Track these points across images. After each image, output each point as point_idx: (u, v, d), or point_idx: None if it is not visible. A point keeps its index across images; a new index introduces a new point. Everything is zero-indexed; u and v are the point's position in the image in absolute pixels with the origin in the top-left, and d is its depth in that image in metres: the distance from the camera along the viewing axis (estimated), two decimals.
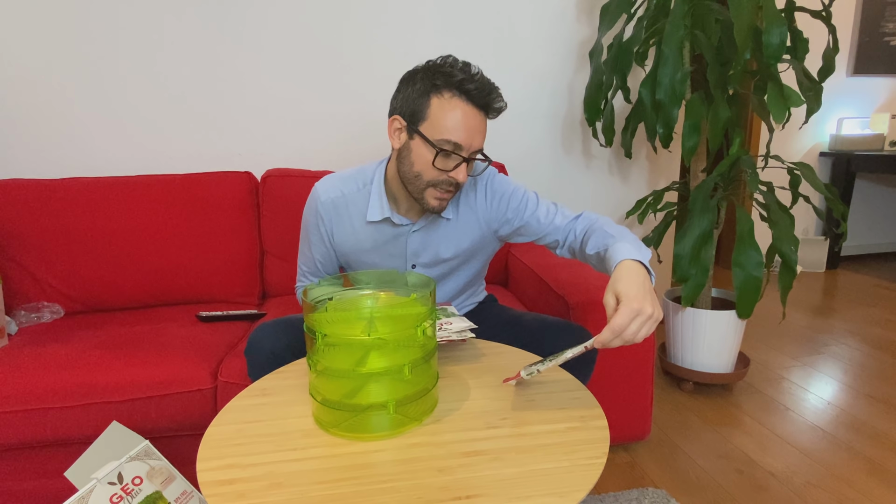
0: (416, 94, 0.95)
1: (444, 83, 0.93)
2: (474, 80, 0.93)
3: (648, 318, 0.75)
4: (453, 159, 0.95)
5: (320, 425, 0.76)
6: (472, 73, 0.94)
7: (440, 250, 1.11)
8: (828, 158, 3.41)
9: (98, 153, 1.81)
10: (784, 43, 1.47)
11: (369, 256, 1.13)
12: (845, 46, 3.28)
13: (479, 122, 0.95)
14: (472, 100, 0.93)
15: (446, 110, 0.93)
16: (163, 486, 0.99)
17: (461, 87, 0.93)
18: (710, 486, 1.39)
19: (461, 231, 1.11)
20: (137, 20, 1.74)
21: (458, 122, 0.93)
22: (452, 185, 0.98)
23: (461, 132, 0.93)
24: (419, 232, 1.09)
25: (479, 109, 0.95)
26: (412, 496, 0.61)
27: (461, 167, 0.96)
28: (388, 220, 1.08)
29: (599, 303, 1.35)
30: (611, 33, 2.04)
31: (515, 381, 0.86)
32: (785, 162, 1.74)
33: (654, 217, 2.24)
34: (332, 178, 1.11)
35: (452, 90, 0.93)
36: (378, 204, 1.07)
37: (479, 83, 0.93)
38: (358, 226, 1.10)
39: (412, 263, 1.12)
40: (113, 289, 1.61)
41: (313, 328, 0.72)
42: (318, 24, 1.86)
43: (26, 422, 1.17)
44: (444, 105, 0.93)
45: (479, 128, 0.95)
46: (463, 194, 1.10)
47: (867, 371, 2.02)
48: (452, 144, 0.94)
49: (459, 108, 0.93)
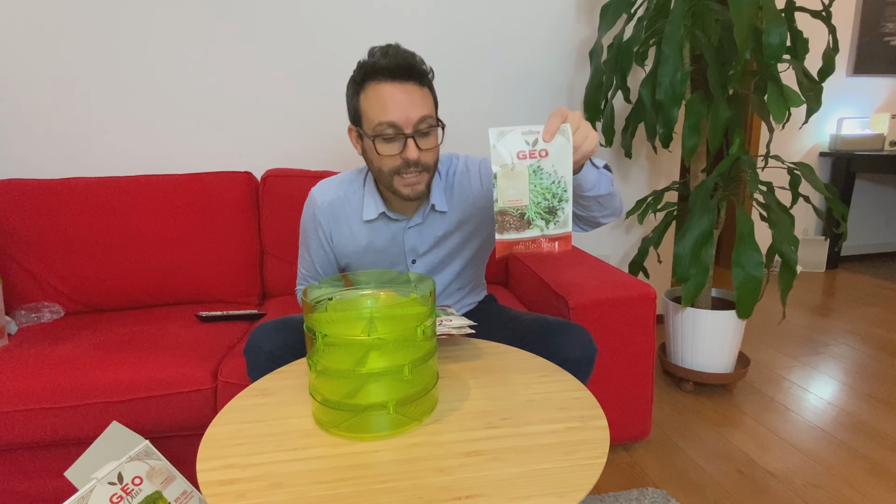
0: (350, 98, 0.99)
1: (362, 77, 0.95)
2: (387, 58, 0.92)
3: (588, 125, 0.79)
4: (397, 141, 0.95)
5: (320, 425, 0.76)
6: (384, 50, 0.93)
7: (437, 244, 1.13)
8: (828, 158, 3.41)
9: (98, 153, 1.81)
10: (784, 43, 1.47)
11: (369, 256, 1.14)
12: (845, 46, 3.28)
13: (406, 94, 0.93)
14: (391, 75, 0.93)
15: (370, 99, 0.94)
16: (163, 486, 0.99)
17: (375, 70, 0.93)
18: (710, 486, 1.39)
19: (455, 218, 1.12)
20: (137, 20, 1.74)
21: (383, 102, 0.93)
22: (411, 165, 0.97)
23: (390, 110, 0.93)
24: (415, 228, 1.11)
25: (400, 81, 0.93)
26: (412, 496, 0.61)
27: (409, 144, 0.95)
28: (384, 215, 1.09)
29: (600, 303, 1.35)
30: (611, 33, 2.04)
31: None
32: (785, 162, 1.74)
33: (654, 217, 2.24)
34: (326, 182, 1.13)
35: (369, 79, 0.94)
36: (372, 202, 1.09)
37: (391, 57, 0.92)
38: (356, 227, 1.11)
39: (412, 258, 1.13)
40: (113, 289, 1.61)
41: (313, 328, 0.72)
42: (318, 24, 1.86)
43: (26, 422, 1.17)
44: (368, 96, 0.95)
45: (410, 99, 0.93)
46: (457, 183, 1.11)
47: (867, 371, 2.02)
48: (386, 125, 0.93)
49: (381, 90, 0.93)
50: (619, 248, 2.33)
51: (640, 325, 1.40)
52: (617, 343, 1.40)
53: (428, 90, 0.98)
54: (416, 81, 0.95)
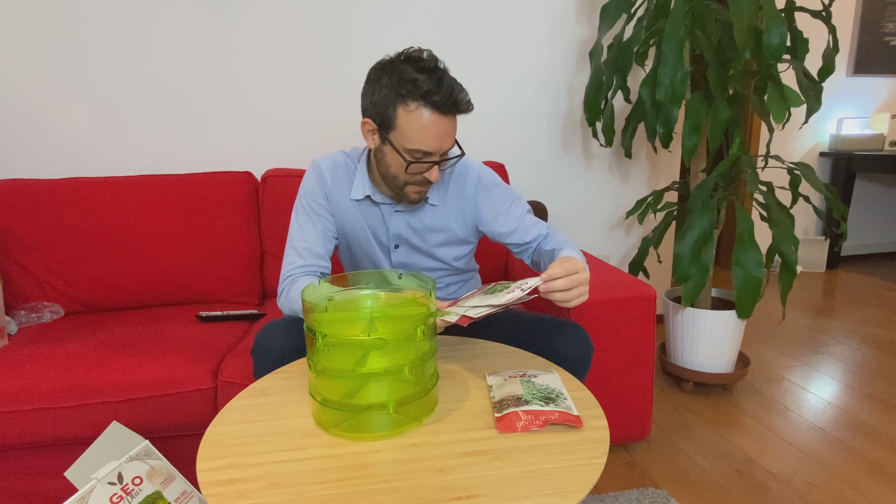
0: (382, 100, 0.96)
1: (408, 93, 0.93)
2: (440, 91, 0.92)
3: (586, 282, 0.89)
4: (426, 164, 0.99)
5: (320, 425, 0.76)
6: (438, 77, 0.93)
7: (422, 233, 1.13)
8: (828, 158, 3.41)
9: (98, 153, 1.81)
10: (784, 43, 1.47)
11: (360, 236, 1.14)
12: (845, 46, 3.28)
13: (447, 126, 0.96)
14: (439, 108, 0.94)
15: (414, 122, 0.94)
16: (163, 486, 0.99)
17: (427, 99, 0.93)
18: (710, 486, 1.39)
19: (445, 216, 1.13)
20: (137, 21, 1.74)
21: (427, 133, 0.95)
22: (429, 182, 1.02)
23: (432, 141, 0.95)
24: (402, 213, 1.12)
25: (446, 115, 0.95)
26: (412, 496, 0.61)
27: (434, 169, 1.00)
28: (369, 198, 1.11)
29: (599, 303, 1.35)
30: (611, 33, 2.04)
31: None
32: (785, 162, 1.74)
33: (654, 217, 2.24)
34: (327, 154, 1.16)
35: (418, 101, 0.93)
36: (361, 183, 1.10)
37: (445, 92, 0.93)
38: (349, 200, 1.13)
39: (395, 243, 1.14)
40: (113, 289, 1.61)
41: (313, 328, 0.72)
42: (317, 24, 1.86)
43: (26, 422, 1.17)
44: (412, 117, 0.94)
45: (449, 131, 0.97)
46: (453, 182, 1.13)
47: (867, 371, 2.02)
48: (423, 153, 0.97)
49: (427, 119, 0.94)
50: (619, 248, 2.33)
51: (640, 325, 1.40)
52: (617, 343, 1.40)
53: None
54: (457, 115, 0.98)
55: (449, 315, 0.93)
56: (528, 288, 0.87)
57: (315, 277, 1.08)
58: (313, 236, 1.11)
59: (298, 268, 1.08)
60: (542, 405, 0.77)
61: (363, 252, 1.16)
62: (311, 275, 1.08)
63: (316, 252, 1.10)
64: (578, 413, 0.77)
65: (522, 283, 0.89)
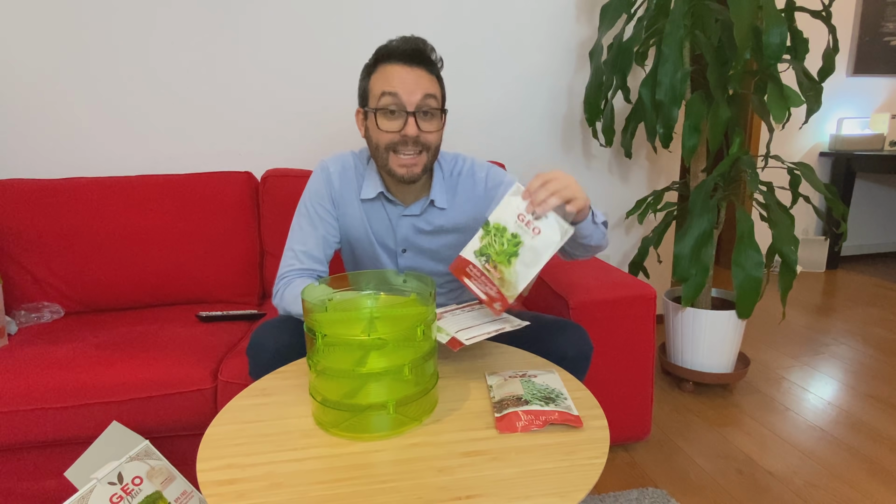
0: (361, 82, 1.03)
1: (374, 60, 0.99)
2: (402, 42, 0.97)
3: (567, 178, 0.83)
4: (397, 116, 0.97)
5: (320, 425, 0.76)
6: (405, 38, 0.98)
7: (430, 236, 1.13)
8: (828, 158, 3.41)
9: (98, 153, 1.81)
10: (784, 43, 1.47)
11: (366, 239, 1.13)
12: (845, 46, 3.29)
13: (412, 74, 0.96)
14: (400, 58, 0.96)
15: (379, 77, 0.98)
16: (163, 486, 0.99)
17: (388, 52, 0.97)
18: (710, 486, 1.39)
19: (454, 218, 1.12)
20: (137, 21, 1.74)
21: (390, 77, 0.96)
22: (410, 143, 0.98)
23: (394, 84, 0.96)
24: (410, 218, 1.11)
25: (409, 64, 0.97)
26: (412, 496, 0.61)
27: (409, 121, 0.97)
28: (382, 195, 1.10)
29: (600, 303, 1.35)
30: (611, 33, 2.04)
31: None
32: (785, 162, 1.74)
33: (654, 217, 2.24)
34: (335, 154, 1.15)
35: (382, 61, 0.98)
36: (372, 182, 1.09)
37: (404, 40, 0.97)
38: (357, 203, 1.12)
39: (402, 248, 1.13)
40: (113, 289, 1.61)
41: (313, 328, 0.72)
42: (317, 24, 1.86)
43: (26, 422, 1.17)
44: (377, 75, 0.98)
45: (415, 80, 0.96)
46: (461, 184, 1.12)
47: (867, 371, 2.02)
48: (389, 95, 0.96)
49: (390, 69, 0.97)
50: (619, 248, 2.33)
51: (640, 325, 1.40)
52: (617, 343, 1.40)
53: (436, 79, 1.01)
54: (426, 67, 0.98)
55: (440, 332, 0.91)
56: (517, 324, 0.90)
57: (311, 280, 1.08)
58: (313, 241, 1.10)
59: (295, 270, 1.08)
60: (542, 405, 0.77)
61: (368, 256, 1.15)
62: (307, 278, 1.08)
63: (314, 257, 1.10)
64: (578, 413, 0.77)
65: (511, 320, 0.91)
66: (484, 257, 0.85)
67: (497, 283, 0.84)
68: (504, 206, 0.84)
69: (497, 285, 0.85)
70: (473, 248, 0.86)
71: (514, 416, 0.74)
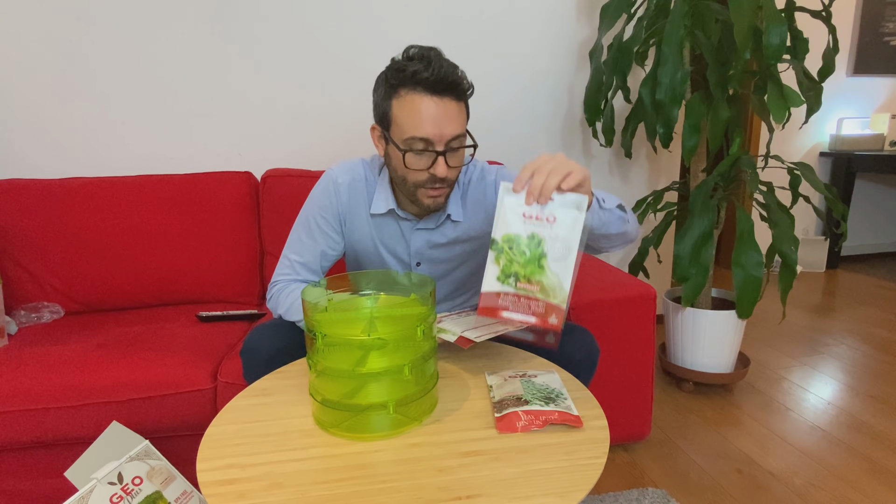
0: (380, 100, 0.94)
1: (398, 81, 0.90)
2: (430, 69, 0.87)
3: (570, 164, 0.76)
4: (426, 156, 0.92)
5: (320, 425, 0.76)
6: (427, 58, 0.88)
7: (445, 248, 1.10)
8: (828, 158, 3.41)
9: (98, 153, 1.81)
10: (784, 43, 1.47)
11: (374, 252, 1.10)
12: (845, 46, 3.28)
13: (443, 109, 0.89)
14: (431, 89, 0.88)
15: (405, 109, 0.90)
16: (163, 486, 0.99)
17: (415, 80, 0.88)
18: (710, 486, 1.39)
19: (468, 228, 1.09)
20: (138, 20, 1.74)
21: (419, 117, 0.89)
22: (439, 181, 0.95)
23: (425, 125, 0.89)
24: (424, 231, 1.07)
25: (440, 96, 0.89)
26: (412, 496, 0.61)
27: (438, 161, 0.92)
28: (393, 212, 1.06)
29: (600, 303, 1.35)
30: (611, 33, 2.04)
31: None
32: (785, 162, 1.74)
33: (654, 217, 2.24)
34: (343, 163, 1.09)
35: (407, 86, 0.89)
36: (384, 196, 1.05)
37: (435, 70, 0.87)
38: (366, 217, 1.08)
39: (416, 261, 1.10)
40: (113, 289, 1.61)
41: (313, 328, 0.72)
42: (317, 24, 1.86)
43: (26, 422, 1.17)
44: (403, 105, 0.90)
45: (447, 115, 0.89)
46: (472, 191, 1.09)
47: (867, 371, 2.02)
48: (420, 141, 0.90)
49: (418, 102, 0.89)
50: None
51: (640, 325, 1.40)
52: (617, 343, 1.40)
53: (464, 105, 0.94)
54: (455, 97, 0.91)
55: (445, 333, 0.91)
56: (520, 325, 0.81)
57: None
58: (311, 254, 1.08)
59: (289, 279, 1.08)
60: (543, 405, 0.76)
61: (376, 267, 1.12)
62: (302, 285, 1.07)
63: (310, 269, 1.09)
64: (578, 413, 0.77)
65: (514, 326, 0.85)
66: (511, 277, 0.76)
67: (541, 295, 0.75)
68: (503, 215, 0.76)
69: (542, 298, 0.75)
70: (494, 275, 0.76)
71: (515, 416, 0.74)
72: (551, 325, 0.75)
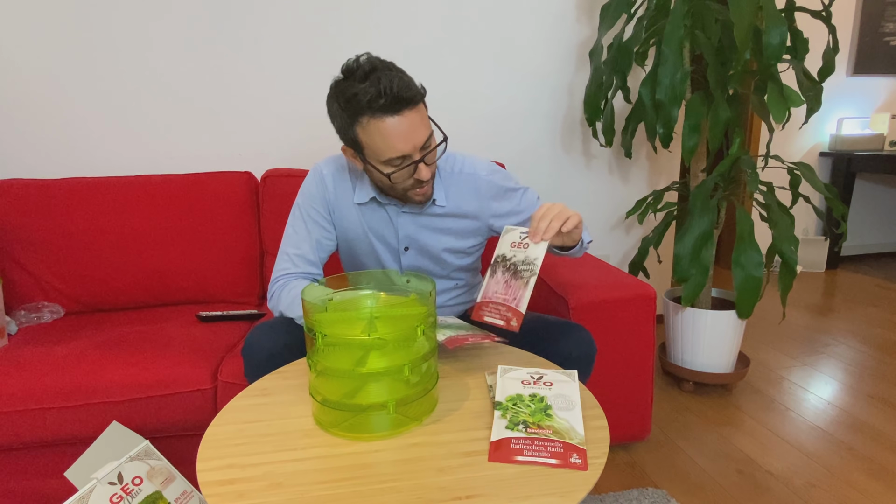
0: (342, 126, 0.95)
1: (356, 110, 0.91)
2: (381, 93, 0.88)
3: (569, 211, 0.92)
4: (407, 168, 0.96)
5: (320, 425, 0.76)
6: (376, 78, 0.89)
7: (432, 230, 1.12)
8: (828, 158, 3.41)
9: (98, 153, 1.81)
10: (784, 43, 1.47)
11: (365, 241, 1.13)
12: (845, 46, 3.28)
13: (408, 122, 0.91)
14: (390, 110, 0.90)
15: (373, 135, 0.92)
16: (163, 486, 0.99)
17: (372, 107, 0.89)
18: (710, 486, 1.39)
19: (454, 215, 1.12)
20: (138, 20, 1.74)
21: (389, 140, 0.91)
22: (423, 181, 0.99)
23: (398, 145, 0.92)
24: (409, 214, 1.10)
25: (401, 113, 0.90)
26: (412, 496, 0.61)
27: (420, 167, 0.97)
28: (375, 199, 1.09)
29: (600, 303, 1.35)
30: (611, 33, 2.04)
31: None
32: (785, 162, 1.74)
33: (654, 217, 2.24)
34: (328, 158, 1.14)
35: (366, 115, 0.90)
36: (366, 187, 1.08)
37: (386, 90, 0.88)
38: (353, 205, 1.11)
39: (405, 245, 1.12)
40: (113, 289, 1.61)
41: (313, 328, 0.72)
42: (317, 24, 1.86)
43: (26, 422, 1.17)
44: (369, 132, 0.92)
45: (412, 127, 0.92)
46: (454, 184, 1.11)
47: (867, 371, 2.02)
48: (398, 158, 0.94)
49: (383, 127, 0.91)
50: (619, 248, 2.33)
51: (640, 325, 1.40)
52: (617, 343, 1.40)
53: (422, 105, 0.95)
54: (412, 106, 0.92)
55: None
56: (501, 339, 0.95)
57: (307, 282, 1.08)
58: (307, 245, 1.10)
59: (289, 274, 1.09)
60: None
61: (368, 255, 1.15)
62: (303, 281, 1.08)
63: (308, 260, 1.10)
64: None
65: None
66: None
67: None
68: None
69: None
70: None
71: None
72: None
